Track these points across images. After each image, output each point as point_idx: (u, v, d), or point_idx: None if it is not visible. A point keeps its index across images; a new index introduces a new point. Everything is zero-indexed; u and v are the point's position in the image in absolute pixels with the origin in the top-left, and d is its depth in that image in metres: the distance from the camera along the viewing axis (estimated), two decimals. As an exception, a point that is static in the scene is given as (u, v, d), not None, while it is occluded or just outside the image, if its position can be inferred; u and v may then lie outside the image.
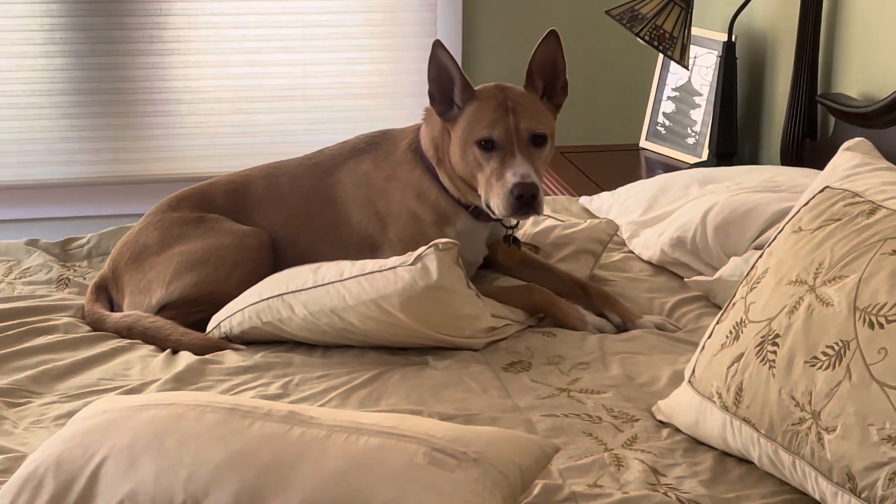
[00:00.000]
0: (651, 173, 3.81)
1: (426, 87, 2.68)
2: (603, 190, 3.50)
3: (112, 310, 2.72)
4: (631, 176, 3.70)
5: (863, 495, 1.75)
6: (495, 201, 2.59)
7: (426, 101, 2.73)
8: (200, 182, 2.91)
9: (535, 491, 1.88)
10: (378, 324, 2.43)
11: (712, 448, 2.06)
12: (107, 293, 2.76)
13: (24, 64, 4.33)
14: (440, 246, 2.42)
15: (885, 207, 1.98)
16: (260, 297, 2.52)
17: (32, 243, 3.09)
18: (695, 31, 3.81)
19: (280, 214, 2.78)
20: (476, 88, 2.69)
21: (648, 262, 2.99)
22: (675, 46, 3.63)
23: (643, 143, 4.18)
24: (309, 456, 1.70)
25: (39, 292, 2.82)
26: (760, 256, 2.13)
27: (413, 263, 2.42)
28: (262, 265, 2.70)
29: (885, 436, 1.73)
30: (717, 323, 2.13)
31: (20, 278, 2.90)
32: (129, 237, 2.79)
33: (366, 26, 4.50)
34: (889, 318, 1.79)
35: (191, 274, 2.66)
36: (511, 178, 2.56)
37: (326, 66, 4.50)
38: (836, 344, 1.83)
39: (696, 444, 2.09)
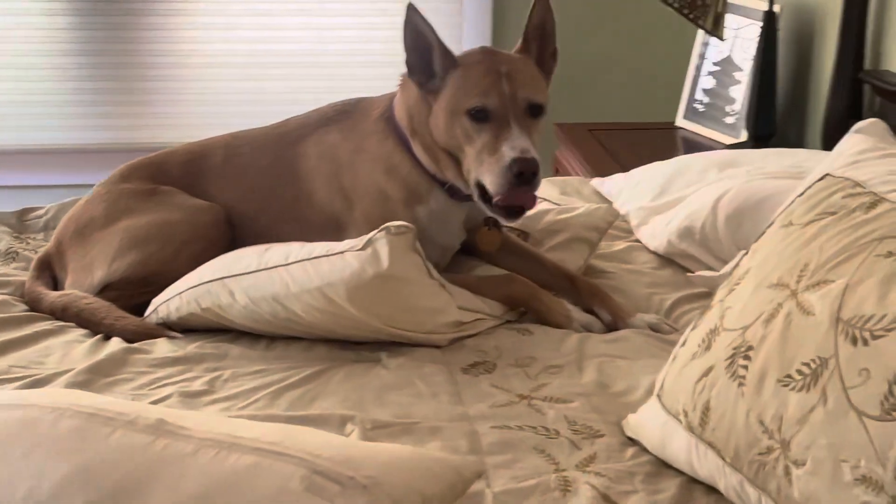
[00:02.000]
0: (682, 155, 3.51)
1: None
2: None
3: (56, 289, 2.50)
4: (661, 157, 3.38)
5: (830, 546, 1.46)
6: (489, 178, 2.31)
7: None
8: (159, 150, 2.67)
9: (455, 520, 1.62)
10: (324, 314, 2.18)
11: (681, 473, 1.78)
12: (51, 270, 2.54)
13: (24, 21, 4.21)
14: (392, 229, 2.15)
15: (887, 200, 1.69)
16: (200, 279, 2.29)
17: (-12, 212, 2.89)
18: (738, -1, 3.49)
19: (238, 188, 2.54)
20: (458, 55, 2.42)
21: (655, 253, 2.71)
22: (708, 15, 3.31)
23: (679, 122, 3.87)
24: (166, 474, 1.47)
25: (-19, 266, 2.61)
26: (745, 254, 1.84)
27: (362, 248, 2.16)
28: (215, 244, 2.45)
29: (858, 475, 1.45)
30: (693, 329, 1.84)
31: (-36, 250, 2.69)
32: (76, 210, 2.58)
33: (386, -11, 4.29)
34: (875, 334, 1.50)
35: (134, 251, 2.43)
36: (509, 152, 2.28)
37: (343, 31, 4.32)
38: (814, 361, 1.55)
39: (664, 467, 1.81)
